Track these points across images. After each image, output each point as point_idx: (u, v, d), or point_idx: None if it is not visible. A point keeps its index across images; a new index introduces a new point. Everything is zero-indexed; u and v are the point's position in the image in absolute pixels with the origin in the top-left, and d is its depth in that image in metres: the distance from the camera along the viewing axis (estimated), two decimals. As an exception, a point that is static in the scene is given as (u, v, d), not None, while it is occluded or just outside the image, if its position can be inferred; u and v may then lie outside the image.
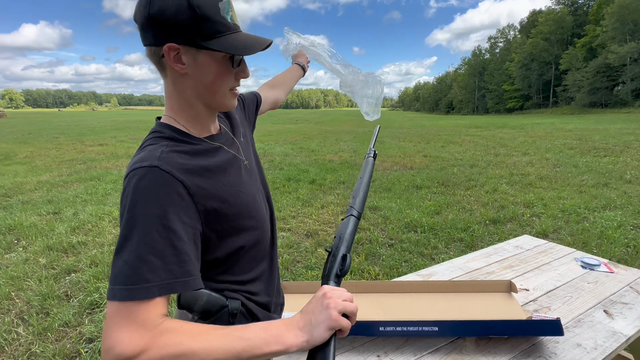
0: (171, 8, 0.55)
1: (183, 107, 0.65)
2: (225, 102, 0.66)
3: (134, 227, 0.51)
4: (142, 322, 0.48)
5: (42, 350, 2.02)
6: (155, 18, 0.56)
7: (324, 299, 0.57)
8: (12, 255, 3.40)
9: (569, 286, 1.42)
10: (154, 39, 0.58)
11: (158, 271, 0.50)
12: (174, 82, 0.63)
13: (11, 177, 7.33)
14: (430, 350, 1.07)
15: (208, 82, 0.62)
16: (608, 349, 1.05)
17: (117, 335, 0.47)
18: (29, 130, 21.58)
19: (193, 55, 0.59)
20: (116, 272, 0.50)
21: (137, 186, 0.53)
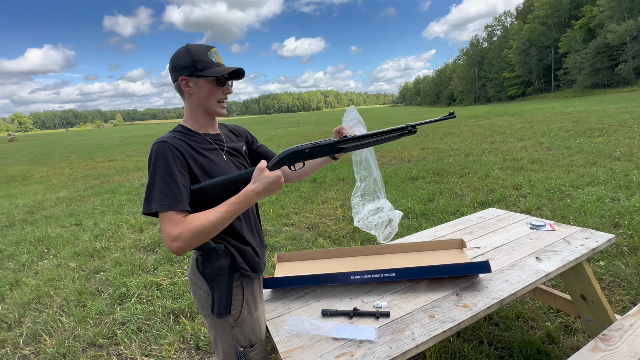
0: (180, 58, 1.04)
1: (191, 114, 1.11)
2: (216, 110, 1.09)
3: (156, 171, 0.97)
4: (175, 220, 0.94)
5: (84, 333, 2.38)
6: (173, 65, 1.06)
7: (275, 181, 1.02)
8: (45, 262, 3.79)
9: (514, 242, 1.72)
10: (175, 76, 1.06)
11: (168, 197, 0.95)
12: (187, 100, 1.09)
13: (32, 195, 7.81)
14: (391, 292, 1.38)
15: (204, 97, 1.06)
16: (529, 281, 1.35)
17: (166, 229, 0.93)
18: (41, 151, 22.39)
19: (195, 82, 1.05)
20: (151, 195, 0.95)
21: (155, 150, 0.99)
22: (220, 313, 1.06)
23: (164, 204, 0.93)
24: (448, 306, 1.25)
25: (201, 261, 1.04)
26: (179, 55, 1.03)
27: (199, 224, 0.94)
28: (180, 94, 1.08)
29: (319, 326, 1.16)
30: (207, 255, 1.04)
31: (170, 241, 0.92)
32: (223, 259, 1.05)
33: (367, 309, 1.27)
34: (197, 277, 1.11)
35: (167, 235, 0.92)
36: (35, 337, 2.40)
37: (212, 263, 1.04)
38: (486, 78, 62.81)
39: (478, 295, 1.30)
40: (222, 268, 1.05)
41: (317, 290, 1.44)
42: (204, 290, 1.11)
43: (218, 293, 1.05)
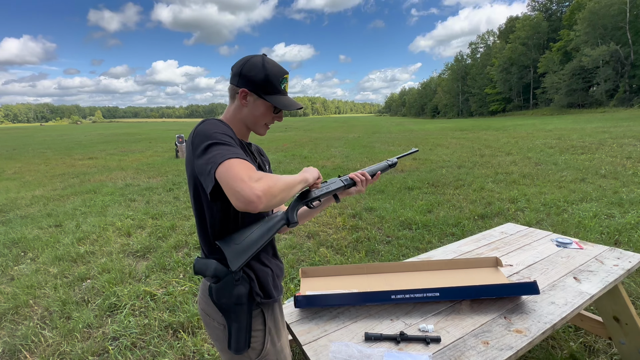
0: (254, 71, 0.95)
1: (234, 120, 1.01)
2: (259, 130, 1.03)
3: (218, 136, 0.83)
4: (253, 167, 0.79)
5: (70, 349, 2.15)
6: (244, 73, 0.96)
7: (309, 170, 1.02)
8: (21, 266, 3.47)
9: (546, 261, 1.67)
10: (238, 83, 0.97)
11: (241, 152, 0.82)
12: (236, 107, 1.00)
13: (3, 193, 7.28)
14: (433, 313, 1.29)
15: (255, 116, 0.99)
16: (576, 304, 1.29)
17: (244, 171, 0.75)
18: (13, 145, 21.15)
19: (254, 99, 0.97)
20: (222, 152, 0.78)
21: (211, 123, 0.88)
22: (239, 348, 0.92)
23: (240, 155, 0.79)
24: (500, 331, 1.16)
25: (216, 290, 0.89)
26: (252, 66, 0.95)
27: (281, 177, 0.82)
28: (232, 97, 1.00)
29: (368, 353, 1.05)
30: (224, 283, 0.89)
31: (254, 181, 0.73)
32: (242, 285, 0.91)
33: (412, 333, 1.17)
34: (210, 308, 0.96)
35: (247, 175, 0.73)
36: (13, 354, 2.14)
37: (228, 292, 0.89)
38: (469, 93, 64.98)
39: (528, 318, 1.22)
40: (241, 297, 0.90)
41: (352, 310, 1.33)
42: (218, 322, 0.96)
43: (236, 326, 0.91)
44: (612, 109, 31.56)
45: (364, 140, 16.27)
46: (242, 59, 0.98)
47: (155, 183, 7.62)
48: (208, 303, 0.96)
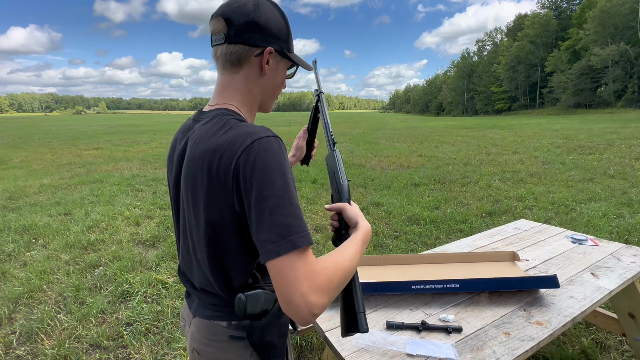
0: (275, 21, 0.70)
1: (246, 101, 0.73)
2: (272, 104, 0.79)
3: (283, 186, 0.57)
4: (315, 261, 0.56)
5: (86, 333, 2.18)
6: (262, 25, 0.68)
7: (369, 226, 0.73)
8: (33, 253, 3.52)
9: (562, 257, 1.67)
10: (258, 40, 0.68)
11: (304, 224, 0.57)
12: (247, 80, 0.71)
13: (11, 181, 7.34)
14: (452, 304, 1.30)
15: (275, 86, 0.76)
16: (595, 298, 1.30)
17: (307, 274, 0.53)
18: (19, 134, 21.27)
19: (277, 61, 0.73)
20: (292, 222, 0.55)
21: (278, 150, 0.59)
22: None
23: (304, 235, 0.56)
24: (520, 323, 1.17)
25: (262, 327, 0.69)
26: (272, 16, 0.69)
27: (346, 265, 0.59)
28: (236, 64, 0.70)
29: (391, 340, 1.06)
30: (273, 315, 0.70)
31: (315, 293, 0.53)
32: (284, 314, 0.72)
33: (433, 323, 1.18)
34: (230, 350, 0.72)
35: (309, 286, 0.53)
36: (30, 337, 2.18)
37: (275, 324, 0.71)
38: (475, 91, 64.47)
39: (547, 311, 1.23)
40: (284, 326, 0.74)
41: (371, 300, 1.34)
42: None
43: None
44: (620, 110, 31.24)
45: (369, 137, 16.23)
46: (240, 3, 0.68)
47: (162, 174, 7.65)
48: (224, 347, 0.71)
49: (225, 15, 0.67)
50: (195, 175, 0.64)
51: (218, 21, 0.69)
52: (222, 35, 0.68)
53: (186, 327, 0.80)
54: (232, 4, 0.68)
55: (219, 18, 0.68)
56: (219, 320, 0.71)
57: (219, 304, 0.71)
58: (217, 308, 0.71)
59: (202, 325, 0.73)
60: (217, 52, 0.71)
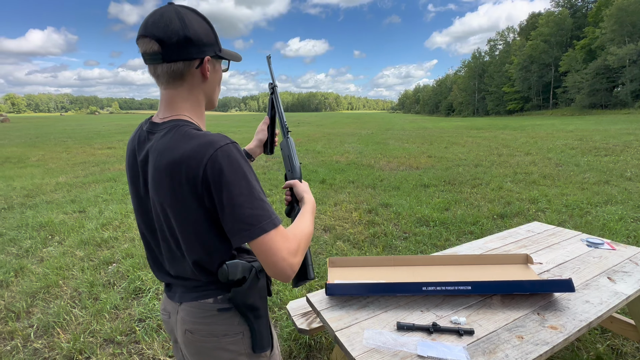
0: (203, 30, 0.74)
1: (195, 107, 0.80)
2: (216, 100, 0.87)
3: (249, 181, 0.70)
4: (285, 232, 0.72)
5: (100, 328, 2.24)
6: (194, 38, 0.72)
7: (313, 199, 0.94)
8: (50, 249, 3.62)
9: (577, 260, 1.64)
10: (194, 53, 0.73)
11: (271, 208, 0.72)
12: (192, 89, 0.78)
13: (29, 179, 7.56)
14: (464, 306, 1.29)
15: (216, 83, 0.83)
16: (612, 303, 1.27)
17: (282, 244, 0.70)
18: (36, 134, 21.87)
19: (214, 64, 0.80)
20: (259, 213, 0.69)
21: (235, 156, 0.70)
22: (266, 344, 0.85)
23: (274, 216, 0.71)
24: (534, 327, 1.16)
25: (244, 291, 0.79)
26: (198, 25, 0.73)
27: (308, 231, 0.79)
28: (179, 78, 0.75)
29: (402, 341, 1.06)
30: (251, 280, 0.80)
31: (292, 256, 0.70)
32: (262, 277, 0.83)
33: (444, 324, 1.17)
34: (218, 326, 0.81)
35: (287, 251, 0.70)
36: (46, 330, 2.25)
37: (254, 288, 0.81)
38: (486, 91, 63.50)
39: (562, 315, 1.21)
40: (263, 289, 0.84)
41: (381, 300, 1.34)
42: (234, 332, 0.82)
43: (260, 322, 0.83)
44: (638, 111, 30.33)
45: (378, 137, 16.15)
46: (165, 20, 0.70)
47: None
48: (215, 321, 0.81)
49: (156, 37, 0.70)
50: (164, 185, 0.72)
51: (149, 42, 0.71)
52: (159, 56, 0.72)
53: (171, 317, 0.88)
54: (159, 23, 0.70)
55: (149, 40, 0.71)
56: (205, 299, 0.81)
57: (202, 285, 0.81)
58: (201, 289, 0.81)
59: (191, 308, 0.81)
60: (156, 71, 0.75)
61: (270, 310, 2.45)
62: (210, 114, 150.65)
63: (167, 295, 0.89)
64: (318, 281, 2.79)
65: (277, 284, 2.77)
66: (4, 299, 2.64)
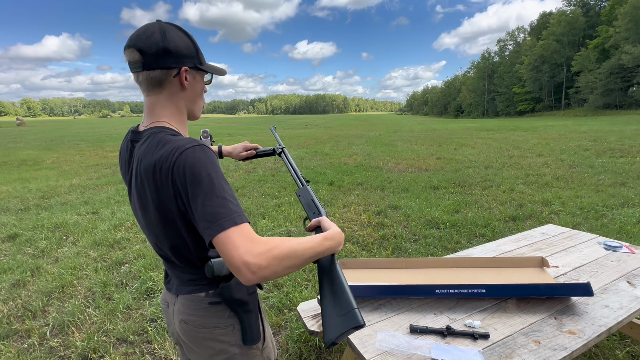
0: (182, 43, 0.80)
1: (174, 114, 0.85)
2: (199, 112, 0.91)
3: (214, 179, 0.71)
4: (253, 235, 0.69)
5: (113, 328, 2.27)
6: (172, 49, 0.78)
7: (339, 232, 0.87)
8: (64, 249, 3.70)
9: (595, 264, 1.60)
10: (172, 63, 0.79)
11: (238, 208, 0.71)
12: (171, 97, 0.83)
13: (44, 181, 7.75)
14: (478, 309, 1.26)
15: (196, 96, 0.87)
16: (632, 308, 1.23)
17: (243, 243, 0.66)
18: (51, 137, 22.43)
19: (193, 75, 0.84)
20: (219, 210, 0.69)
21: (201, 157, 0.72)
22: (256, 337, 0.88)
23: (238, 215, 0.70)
24: (551, 331, 1.13)
25: (232, 286, 0.83)
26: (178, 39, 0.80)
27: (291, 246, 0.71)
28: (157, 86, 0.81)
29: (416, 345, 1.05)
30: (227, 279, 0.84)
31: (251, 257, 0.65)
32: None
33: (458, 328, 1.15)
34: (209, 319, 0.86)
35: (246, 250, 0.66)
36: (61, 329, 2.29)
37: (241, 284, 0.84)
38: (496, 92, 62.68)
39: (580, 320, 1.18)
40: (252, 285, 0.86)
41: (393, 303, 1.33)
42: (225, 325, 0.87)
43: (249, 316, 0.87)
44: (654, 111, 29.53)
45: (386, 139, 16.08)
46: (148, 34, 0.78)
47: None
48: (206, 314, 0.86)
49: (137, 47, 0.78)
50: (143, 189, 0.78)
51: (132, 52, 0.78)
52: (140, 64, 0.79)
53: (170, 308, 0.94)
54: (141, 36, 0.78)
55: (132, 49, 0.78)
56: (198, 292, 0.86)
57: (195, 279, 0.86)
58: (194, 283, 0.86)
59: (185, 300, 0.87)
60: (138, 78, 0.81)
61: (280, 311, 2.45)
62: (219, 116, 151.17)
63: (166, 287, 0.96)
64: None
65: (286, 284, 2.78)
66: (21, 297, 2.70)
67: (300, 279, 2.88)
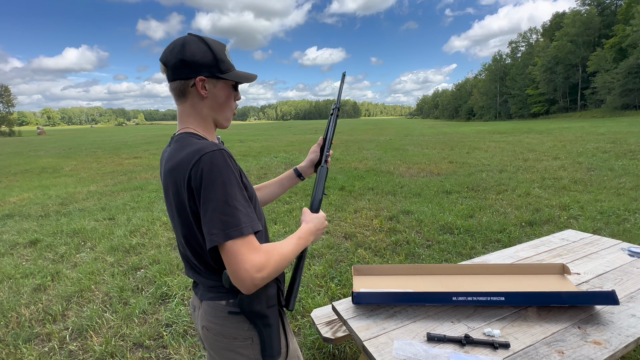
0: (200, 53, 0.82)
1: (199, 122, 0.88)
2: (226, 121, 0.91)
3: (227, 186, 0.73)
4: (256, 245, 0.74)
5: (129, 332, 2.31)
6: (188, 60, 0.81)
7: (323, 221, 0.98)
8: (82, 255, 3.79)
9: (619, 271, 1.54)
10: (188, 74, 0.82)
11: (247, 216, 0.74)
12: (194, 105, 0.86)
13: (63, 187, 8.00)
14: (497, 318, 1.23)
15: (220, 104, 0.88)
16: (661, 318, 1.18)
17: (248, 256, 0.71)
18: (69, 145, 23.18)
19: (213, 84, 0.85)
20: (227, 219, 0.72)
21: (216, 161, 0.74)
22: (275, 353, 0.85)
23: (244, 226, 0.72)
24: (575, 341, 1.09)
25: (249, 297, 0.81)
26: (196, 50, 0.82)
27: (283, 252, 0.79)
28: (182, 95, 0.85)
29: (433, 353, 1.03)
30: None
31: (256, 271, 0.71)
32: (271, 286, 0.85)
33: (477, 337, 1.13)
34: (228, 328, 0.86)
35: (250, 265, 0.70)
36: (80, 333, 2.34)
37: (261, 295, 0.82)
38: (508, 94, 61.61)
39: (606, 330, 1.14)
40: (272, 298, 0.85)
41: (409, 310, 1.31)
42: (243, 337, 0.86)
43: (268, 330, 0.85)
44: (676, 111, 28.43)
45: (396, 143, 15.98)
46: (171, 47, 0.83)
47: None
48: (225, 323, 0.86)
49: (162, 60, 0.85)
50: (168, 189, 0.82)
51: (162, 65, 0.86)
52: (166, 76, 0.86)
53: (195, 312, 0.95)
54: (167, 50, 0.85)
55: (161, 63, 0.86)
56: (219, 300, 0.87)
57: (217, 286, 0.86)
58: (216, 290, 0.87)
59: (207, 307, 0.89)
60: (169, 89, 0.88)
61: (293, 317, 2.44)
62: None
63: (194, 290, 0.98)
64: (341, 289, 2.76)
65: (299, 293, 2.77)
66: (42, 302, 2.78)
67: (312, 285, 2.87)
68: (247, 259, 0.71)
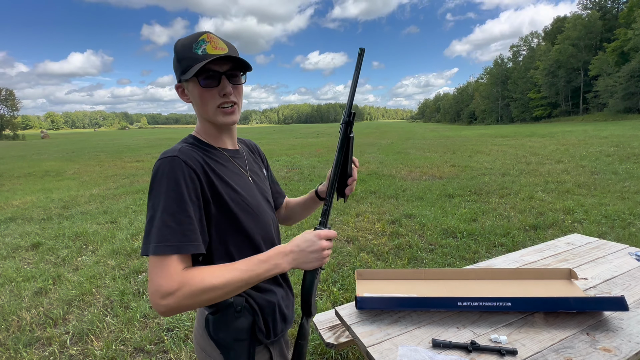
0: (174, 62, 0.83)
1: (199, 125, 0.89)
2: (216, 118, 0.82)
3: (160, 197, 0.69)
4: (174, 269, 0.66)
5: (130, 337, 2.29)
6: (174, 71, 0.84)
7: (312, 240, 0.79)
8: (84, 258, 3.79)
9: (627, 276, 1.52)
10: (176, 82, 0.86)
11: (176, 234, 0.67)
12: (192, 108, 0.88)
13: (66, 191, 8.02)
14: (504, 323, 1.21)
15: (199, 104, 0.82)
16: (672, 325, 1.15)
17: (157, 279, 0.65)
18: (72, 149, 23.32)
19: (185, 88, 0.84)
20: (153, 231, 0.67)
21: (160, 168, 0.71)
22: None
23: (165, 244, 0.66)
24: (584, 348, 1.07)
25: (213, 322, 0.77)
26: (174, 58, 0.82)
27: (207, 282, 0.67)
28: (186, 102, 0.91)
29: (439, 360, 1.01)
30: (222, 314, 0.77)
31: (159, 297, 0.64)
32: (243, 318, 0.78)
33: (483, 343, 1.10)
34: (206, 342, 0.84)
35: (155, 288, 0.64)
36: (81, 337, 2.33)
37: (227, 325, 0.77)
38: (510, 98, 61.65)
39: (615, 337, 1.11)
40: (241, 331, 0.78)
41: (413, 316, 1.29)
42: (210, 354, 0.84)
43: None
44: (680, 114, 28.32)
45: (398, 147, 15.97)
46: None
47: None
48: (204, 337, 0.84)
49: None
50: None
51: None
52: None
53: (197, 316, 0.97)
54: None
55: None
56: (205, 310, 0.85)
57: None
58: None
59: (198, 313, 0.91)
60: None
61: (294, 322, 2.42)
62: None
63: None
64: (343, 293, 2.74)
65: (301, 295, 2.75)
66: (43, 305, 2.77)
67: (314, 289, 2.85)
68: (155, 282, 0.65)
